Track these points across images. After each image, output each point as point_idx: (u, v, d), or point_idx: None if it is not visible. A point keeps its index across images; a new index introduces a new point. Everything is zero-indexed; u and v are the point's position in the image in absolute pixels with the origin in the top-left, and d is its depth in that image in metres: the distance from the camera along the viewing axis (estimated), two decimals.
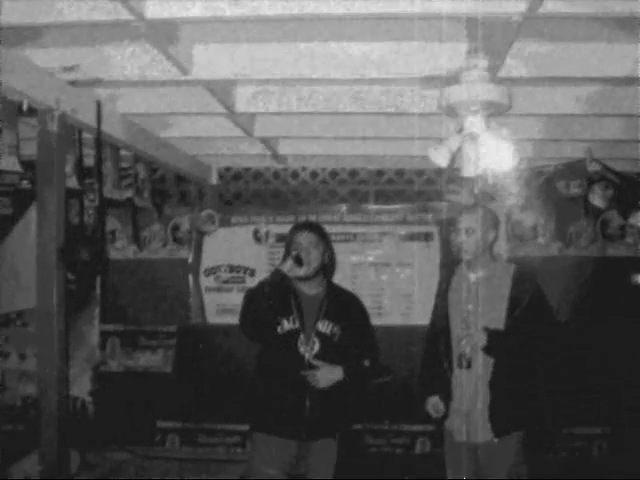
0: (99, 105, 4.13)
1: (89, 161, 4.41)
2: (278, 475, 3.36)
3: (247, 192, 6.65)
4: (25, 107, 3.56)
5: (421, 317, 4.25)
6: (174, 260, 6.07)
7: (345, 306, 3.50)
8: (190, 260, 6.01)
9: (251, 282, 5.48)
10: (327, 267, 3.52)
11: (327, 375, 3.34)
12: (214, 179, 6.61)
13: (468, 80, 3.09)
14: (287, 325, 3.39)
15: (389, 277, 5.83)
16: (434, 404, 3.47)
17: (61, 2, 2.87)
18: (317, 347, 3.38)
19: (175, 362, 5.87)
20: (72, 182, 4.14)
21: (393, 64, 3.56)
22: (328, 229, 3.72)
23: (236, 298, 5.07)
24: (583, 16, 2.92)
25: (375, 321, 3.80)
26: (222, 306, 5.91)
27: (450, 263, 3.87)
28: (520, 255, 5.59)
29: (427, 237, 5.80)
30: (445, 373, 3.44)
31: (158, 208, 6.10)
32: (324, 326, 3.40)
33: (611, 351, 5.32)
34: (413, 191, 6.44)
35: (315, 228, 3.55)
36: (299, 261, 3.31)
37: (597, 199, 5.79)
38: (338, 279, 3.68)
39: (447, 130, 3.43)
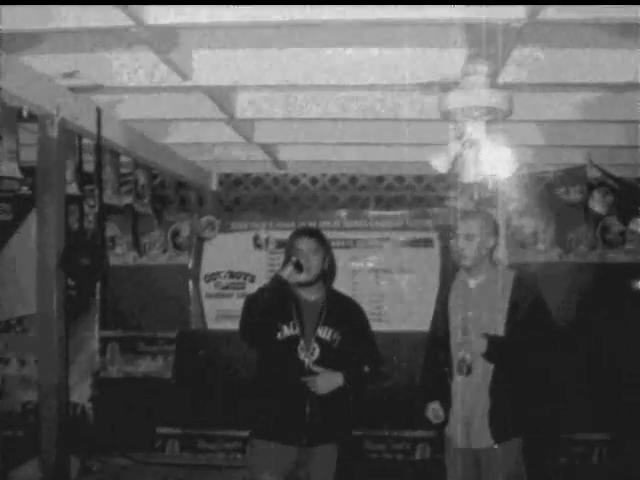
0: (99, 111, 4.13)
1: (89, 167, 4.41)
2: None
3: (247, 198, 6.64)
4: (25, 113, 3.57)
5: (421, 323, 4.23)
6: (174, 266, 6.08)
7: (345, 312, 3.49)
8: (190, 266, 6.01)
9: (251, 288, 5.49)
10: (327, 273, 3.50)
11: (327, 381, 3.32)
12: (214, 185, 6.60)
13: (468, 86, 3.09)
14: (287, 331, 3.38)
15: (389, 283, 5.84)
16: (434, 410, 3.46)
17: (61, 8, 2.87)
18: (317, 353, 3.37)
19: (175, 368, 5.87)
20: (72, 188, 4.15)
21: (393, 70, 3.56)
22: (328, 235, 3.71)
23: (236, 304, 5.05)
24: (583, 22, 2.93)
25: (375, 327, 3.79)
26: (222, 312, 5.92)
27: (450, 269, 3.87)
28: (520, 261, 5.60)
29: (427, 243, 5.81)
30: (445, 379, 3.43)
31: (158, 214, 6.11)
32: (324, 332, 3.39)
33: (611, 357, 5.32)
34: (413, 197, 6.43)
35: (315, 234, 3.54)
36: (299, 267, 3.30)
37: (597, 205, 5.79)
38: (338, 285, 3.67)
39: (447, 136, 3.42)
